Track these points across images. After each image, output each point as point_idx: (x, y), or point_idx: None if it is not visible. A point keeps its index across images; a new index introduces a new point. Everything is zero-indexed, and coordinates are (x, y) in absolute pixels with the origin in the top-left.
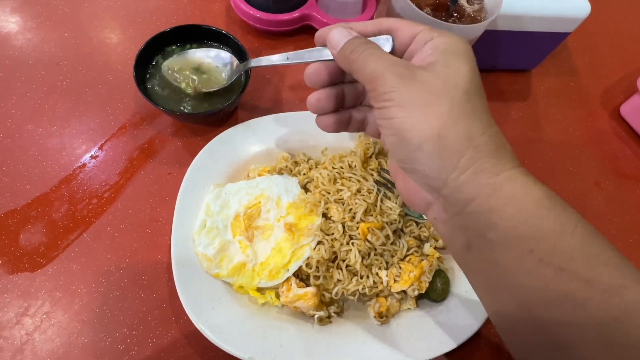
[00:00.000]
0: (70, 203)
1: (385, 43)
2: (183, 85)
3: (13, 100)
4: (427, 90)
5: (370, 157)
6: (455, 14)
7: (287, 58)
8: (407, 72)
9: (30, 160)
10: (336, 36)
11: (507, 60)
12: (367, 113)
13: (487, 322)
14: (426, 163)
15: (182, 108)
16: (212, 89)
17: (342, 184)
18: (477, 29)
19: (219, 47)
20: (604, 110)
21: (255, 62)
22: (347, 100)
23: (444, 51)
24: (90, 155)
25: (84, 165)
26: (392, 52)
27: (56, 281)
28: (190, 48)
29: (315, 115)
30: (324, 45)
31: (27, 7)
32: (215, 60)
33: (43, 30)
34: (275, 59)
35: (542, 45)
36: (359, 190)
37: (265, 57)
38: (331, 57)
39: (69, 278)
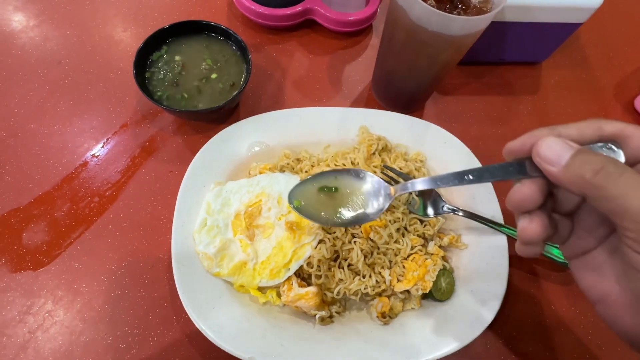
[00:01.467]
0: (73, 201)
1: (610, 154)
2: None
3: (16, 99)
4: None
5: (374, 153)
6: (460, 5)
7: (465, 178)
8: None
9: (32, 159)
10: (553, 148)
11: (515, 53)
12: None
13: (494, 321)
14: None
15: (182, 103)
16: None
17: None
18: (483, 21)
19: (224, 42)
20: (618, 103)
21: (409, 186)
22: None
23: None
24: (92, 153)
25: (85, 163)
26: None
27: (58, 280)
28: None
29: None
30: (523, 159)
31: (30, 4)
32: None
33: (45, 28)
34: (445, 179)
35: (553, 37)
36: None
37: (422, 179)
38: (536, 174)
39: (71, 276)
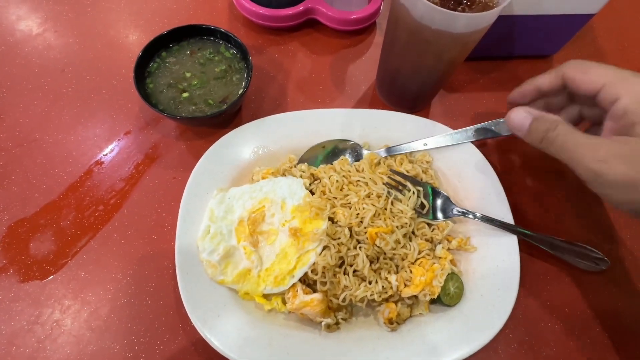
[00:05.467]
0: (78, 210)
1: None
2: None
3: (20, 108)
4: None
5: (379, 163)
6: (465, 1)
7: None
8: (630, 154)
9: (38, 169)
10: (517, 117)
11: (524, 47)
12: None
13: (506, 326)
14: None
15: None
16: None
17: (350, 190)
18: (489, 17)
19: (225, 45)
20: None
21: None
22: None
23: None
24: (95, 161)
25: (90, 171)
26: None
27: (65, 289)
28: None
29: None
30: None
31: (33, 14)
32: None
33: (48, 37)
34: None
35: (564, 29)
36: (367, 196)
37: (426, 139)
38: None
39: (78, 285)
